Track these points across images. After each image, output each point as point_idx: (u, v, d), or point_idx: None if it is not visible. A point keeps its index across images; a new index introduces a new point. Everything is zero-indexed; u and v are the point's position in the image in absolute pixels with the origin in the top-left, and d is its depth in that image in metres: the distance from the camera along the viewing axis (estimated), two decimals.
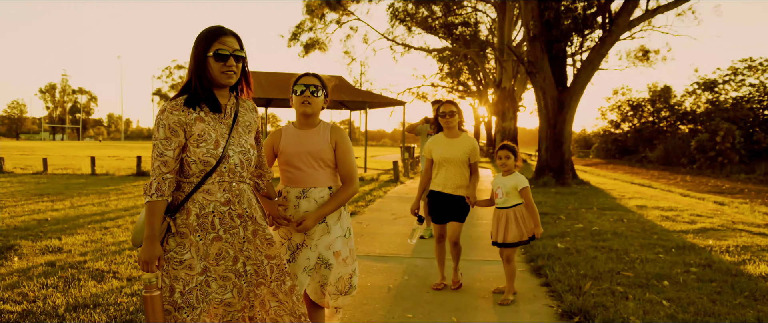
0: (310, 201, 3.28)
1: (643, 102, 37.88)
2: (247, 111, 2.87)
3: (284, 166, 3.34)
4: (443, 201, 5.10)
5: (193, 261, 2.64)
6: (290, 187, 3.33)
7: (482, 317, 4.47)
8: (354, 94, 22.95)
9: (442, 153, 5.10)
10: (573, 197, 13.34)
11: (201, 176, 2.64)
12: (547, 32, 17.92)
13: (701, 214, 10.44)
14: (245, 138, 2.78)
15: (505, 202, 4.90)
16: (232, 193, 2.69)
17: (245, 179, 2.78)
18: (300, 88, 3.28)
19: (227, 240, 2.70)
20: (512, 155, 4.95)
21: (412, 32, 39.03)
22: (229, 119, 2.75)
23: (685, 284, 5.33)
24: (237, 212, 2.71)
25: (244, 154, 2.74)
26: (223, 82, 2.68)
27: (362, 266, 6.05)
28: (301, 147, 3.33)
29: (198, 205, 2.64)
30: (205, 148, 2.61)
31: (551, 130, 17.90)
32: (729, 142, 25.99)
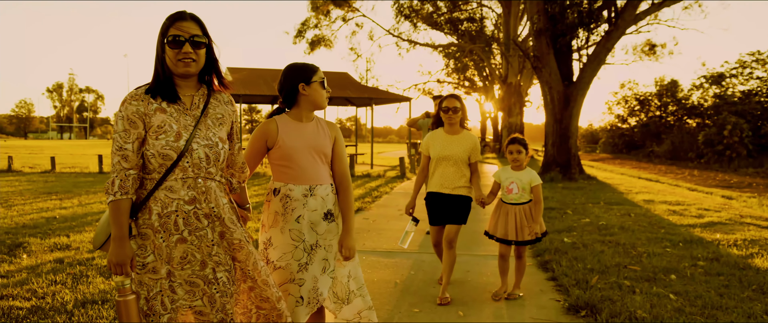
0: (317, 199, 3.10)
1: (649, 96, 37.73)
2: (219, 103, 2.67)
3: (283, 161, 3.10)
4: (442, 203, 4.78)
5: (157, 264, 2.46)
6: (293, 184, 3.08)
7: (489, 311, 4.48)
8: (360, 91, 22.97)
9: (441, 150, 4.78)
10: (580, 192, 13.32)
11: (162, 171, 2.44)
12: (552, 27, 17.86)
13: (709, 208, 10.41)
14: (214, 131, 2.56)
15: (520, 198, 4.71)
16: (198, 190, 2.47)
17: (214, 176, 2.55)
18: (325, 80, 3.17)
19: (193, 242, 2.49)
20: (523, 149, 4.75)
21: (418, 28, 39.01)
22: (196, 111, 2.55)
23: (692, 278, 5.31)
24: (203, 211, 2.49)
25: (211, 148, 2.52)
26: (180, 71, 2.49)
27: (369, 261, 6.06)
28: (304, 140, 3.11)
29: (160, 204, 2.44)
30: (165, 139, 2.42)
31: (557, 124, 17.86)
32: (737, 136, 25.86)
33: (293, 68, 3.15)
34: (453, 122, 4.83)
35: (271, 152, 3.11)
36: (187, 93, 2.57)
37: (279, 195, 3.09)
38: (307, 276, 3.05)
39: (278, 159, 3.10)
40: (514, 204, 4.73)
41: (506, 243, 4.77)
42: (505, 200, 4.78)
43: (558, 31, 17.93)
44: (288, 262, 3.03)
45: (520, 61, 33.08)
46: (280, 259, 3.03)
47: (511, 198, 4.74)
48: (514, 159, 4.76)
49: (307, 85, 3.12)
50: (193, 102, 2.56)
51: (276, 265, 3.03)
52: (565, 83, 17.96)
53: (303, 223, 3.06)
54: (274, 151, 3.10)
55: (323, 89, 3.16)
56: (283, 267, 3.03)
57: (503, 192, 4.80)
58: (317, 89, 3.14)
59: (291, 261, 3.03)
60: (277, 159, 3.11)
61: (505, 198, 4.78)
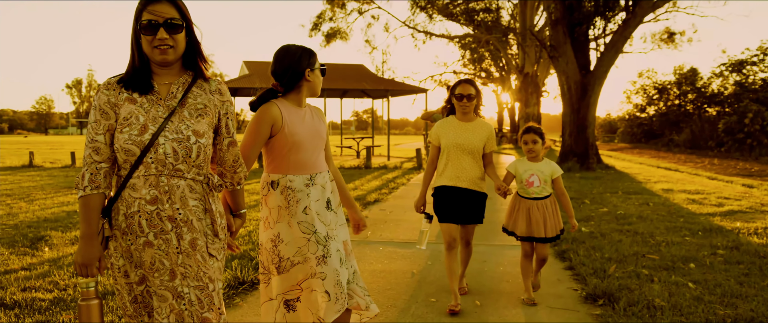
0: (318, 189, 2.95)
1: (668, 85, 37.30)
2: (203, 92, 2.37)
3: (285, 150, 2.89)
4: (456, 199, 4.30)
5: (126, 267, 2.28)
6: (293, 175, 2.90)
7: (505, 301, 4.48)
8: (376, 83, 22.96)
9: (454, 138, 4.29)
10: (598, 182, 13.23)
11: (128, 168, 2.23)
12: (569, 16, 17.72)
13: (729, 197, 10.30)
14: (190, 123, 2.26)
15: (542, 192, 4.34)
16: (160, 190, 2.21)
17: (183, 173, 2.24)
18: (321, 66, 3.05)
19: (160, 247, 2.23)
20: (540, 139, 4.37)
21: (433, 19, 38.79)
22: (171, 101, 2.29)
23: (711, 266, 5.27)
24: (166, 214, 2.22)
25: (181, 143, 2.22)
26: (157, 59, 2.25)
27: (386, 252, 6.08)
28: (306, 127, 2.95)
29: (125, 203, 2.23)
30: (128, 133, 2.19)
31: (575, 114, 17.74)
32: (758, 124, 25.48)
33: (296, 52, 2.95)
34: (467, 110, 4.38)
35: (273, 140, 2.89)
36: (166, 81, 2.32)
37: (279, 187, 2.90)
38: (328, 269, 2.87)
39: (281, 148, 2.89)
40: (534, 198, 4.35)
41: (529, 240, 4.41)
42: (524, 194, 4.39)
43: (575, 20, 17.79)
44: (306, 257, 2.86)
45: (536, 51, 32.86)
46: (297, 254, 2.87)
47: (531, 192, 4.35)
48: (530, 150, 4.37)
49: (312, 71, 2.98)
50: (170, 91, 2.31)
51: (293, 261, 2.87)
52: (582, 73, 17.83)
53: (311, 214, 2.89)
54: (277, 139, 2.88)
55: (322, 76, 3.09)
56: (301, 262, 2.87)
57: (521, 185, 4.39)
58: (318, 76, 3.04)
59: (309, 256, 2.86)
60: (280, 148, 2.89)
61: (524, 192, 4.38)
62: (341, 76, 22.49)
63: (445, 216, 4.32)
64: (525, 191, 4.39)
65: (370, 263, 5.58)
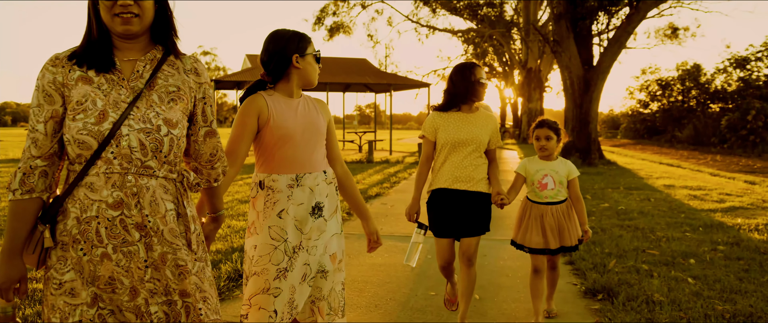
0: (304, 191, 2.58)
1: (671, 81, 37.22)
2: (176, 72, 1.99)
3: (272, 146, 2.58)
4: (456, 204, 3.61)
5: (75, 284, 1.84)
6: (277, 174, 2.57)
7: (505, 295, 4.49)
8: (379, 77, 22.95)
9: (454, 133, 3.60)
10: (599, 177, 13.23)
11: (83, 163, 1.83)
12: (572, 10, 17.68)
13: (730, 193, 10.30)
14: (160, 110, 1.88)
15: (557, 195, 3.75)
16: (127, 192, 1.82)
17: (154, 171, 1.87)
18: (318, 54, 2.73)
19: (120, 262, 1.83)
20: (554, 135, 3.77)
21: (437, 14, 38.77)
22: (137, 82, 1.89)
23: (711, 262, 5.28)
24: (134, 221, 1.83)
25: (149, 134, 1.84)
26: (119, 30, 1.87)
27: (387, 245, 6.09)
28: (297, 119, 2.61)
29: (78, 205, 1.82)
30: (83, 121, 1.79)
31: (577, 109, 17.73)
32: (761, 121, 25.42)
33: (284, 36, 2.64)
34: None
35: (260, 135, 2.59)
36: (130, 57, 1.93)
37: (264, 188, 2.59)
38: (285, 285, 2.52)
39: (267, 143, 2.59)
40: (548, 203, 3.75)
41: (543, 253, 3.76)
42: (536, 198, 3.77)
43: (578, 15, 17.75)
44: (264, 267, 2.50)
45: (539, 45, 32.80)
46: (257, 263, 2.52)
47: (544, 196, 3.75)
48: (543, 147, 3.77)
49: (302, 58, 2.63)
50: (136, 69, 1.91)
51: (253, 271, 2.53)
52: (585, 67, 17.81)
53: (286, 219, 2.54)
54: (264, 133, 2.58)
55: (317, 63, 2.72)
56: (258, 273, 2.51)
57: (533, 188, 3.78)
58: (312, 63, 2.68)
59: (268, 266, 2.50)
60: (266, 143, 2.59)
61: (536, 196, 3.77)
62: (344, 70, 22.49)
63: (442, 229, 3.65)
64: (537, 195, 3.77)
65: (371, 256, 5.60)
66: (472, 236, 3.62)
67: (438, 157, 3.69)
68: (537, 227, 3.74)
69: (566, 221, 3.75)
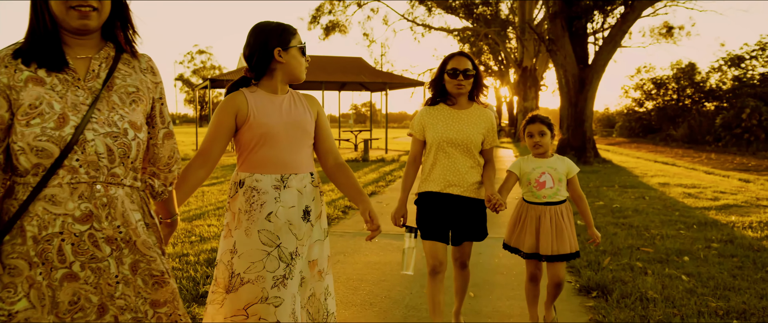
0: (292, 193, 2.44)
1: (666, 80, 37.31)
2: (133, 71, 1.85)
3: (253, 144, 2.44)
4: (447, 209, 3.35)
5: (31, 314, 1.65)
6: (260, 174, 2.43)
7: (500, 292, 4.50)
8: (374, 76, 22.94)
9: (444, 130, 3.30)
10: (594, 175, 13.26)
11: (40, 174, 1.63)
12: (567, 9, 17.70)
13: (725, 191, 10.34)
14: (123, 112, 1.74)
15: (556, 194, 3.44)
16: (96, 202, 1.67)
17: (121, 179, 1.73)
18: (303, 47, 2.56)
19: (88, 279, 1.67)
20: (548, 130, 3.49)
21: (432, 13, 38.75)
22: (94, 82, 1.73)
23: (705, 259, 5.30)
24: (104, 234, 1.68)
25: (117, 139, 1.70)
26: (75, 25, 1.69)
27: (382, 243, 6.10)
28: (281, 116, 2.47)
29: (36, 222, 1.62)
30: (40, 127, 1.60)
31: (573, 108, 17.76)
32: (755, 119, 25.50)
33: (266, 29, 2.49)
34: (463, 91, 3.35)
35: (240, 134, 2.46)
36: (82, 55, 1.76)
37: (244, 187, 2.43)
38: (287, 294, 2.36)
39: (247, 141, 2.45)
40: (546, 203, 3.45)
41: (538, 259, 3.48)
42: (533, 199, 3.48)
43: (573, 14, 17.77)
44: (259, 274, 2.34)
45: (535, 44, 32.86)
46: (248, 270, 2.34)
47: (542, 196, 3.44)
48: (537, 144, 3.47)
49: (285, 51, 2.47)
50: (91, 69, 1.75)
51: (244, 279, 2.35)
52: (580, 66, 17.85)
53: (277, 223, 2.39)
54: (243, 132, 2.44)
55: (303, 57, 2.55)
56: (252, 280, 2.34)
57: (529, 188, 3.49)
58: (296, 56, 2.51)
59: (263, 273, 2.34)
60: (247, 142, 2.46)
61: (533, 196, 3.48)
62: (340, 68, 22.47)
63: (431, 232, 3.33)
64: (534, 195, 3.47)
65: (365, 254, 5.60)
66: (469, 241, 3.47)
67: (427, 157, 3.41)
68: (532, 229, 3.44)
69: (564, 224, 3.42)
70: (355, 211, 8.19)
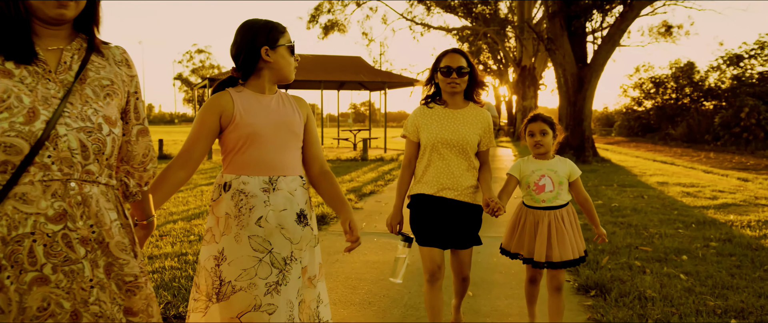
0: (282, 195, 2.34)
1: (665, 79, 37.34)
2: (107, 64, 1.75)
3: (239, 145, 2.34)
4: (441, 213, 3.20)
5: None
6: (247, 176, 2.33)
7: (498, 292, 4.50)
8: (373, 75, 22.93)
9: (438, 131, 3.17)
10: (593, 174, 13.27)
11: (8, 172, 1.52)
12: (566, 8, 17.70)
13: (723, 190, 10.35)
14: (98, 106, 1.65)
15: (557, 198, 3.28)
16: (70, 201, 1.57)
17: (96, 176, 1.64)
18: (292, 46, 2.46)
19: (60, 283, 1.56)
20: (550, 129, 3.34)
21: (431, 12, 38.77)
22: (66, 74, 1.64)
23: (703, 258, 5.31)
24: (79, 235, 1.59)
25: (91, 134, 1.60)
26: (51, 14, 1.60)
27: (381, 242, 6.11)
28: (269, 117, 2.38)
29: (6, 222, 1.52)
30: (8, 122, 1.51)
31: (571, 107, 17.77)
32: (754, 118, 25.52)
33: (253, 27, 2.40)
34: (457, 90, 3.21)
35: (225, 135, 2.36)
36: (53, 46, 1.66)
37: (230, 191, 2.33)
38: (281, 300, 2.27)
39: (234, 143, 2.35)
40: (546, 208, 3.29)
41: (539, 266, 3.32)
42: (532, 203, 3.33)
43: (572, 13, 17.78)
44: (251, 281, 2.25)
45: (534, 43, 32.87)
46: (240, 278, 2.26)
47: (542, 200, 3.29)
48: (537, 143, 3.32)
49: (272, 50, 2.38)
50: (62, 61, 1.65)
51: (235, 286, 2.26)
52: (579, 65, 17.86)
53: (268, 227, 2.30)
54: (228, 133, 2.35)
55: (291, 56, 2.46)
56: (244, 288, 2.25)
57: (529, 191, 3.35)
58: (284, 55, 2.42)
59: (256, 281, 2.25)
60: (233, 143, 2.35)
61: (533, 200, 3.32)
62: (339, 68, 22.47)
63: (427, 237, 3.20)
64: (533, 198, 3.32)
65: (364, 254, 5.60)
66: (461, 249, 3.27)
67: (421, 160, 3.27)
68: (531, 235, 3.30)
69: (566, 229, 3.26)
70: (354, 210, 8.19)
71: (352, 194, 9.62)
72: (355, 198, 9.31)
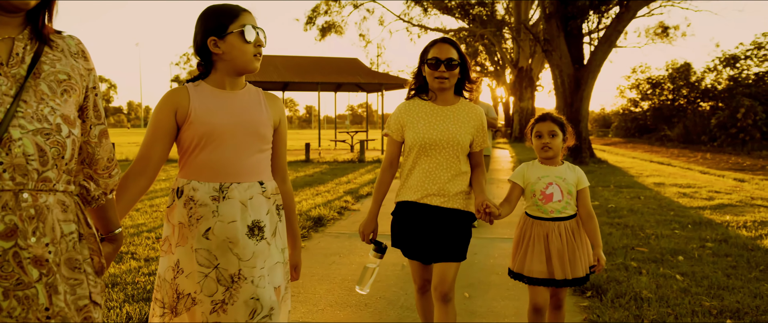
0: (232, 205, 2.06)
1: (662, 80, 37.44)
2: (62, 56, 1.52)
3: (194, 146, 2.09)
4: (428, 223, 2.84)
5: None
6: (198, 181, 2.08)
7: (495, 293, 4.50)
8: (370, 76, 22.95)
9: (424, 131, 2.82)
10: (590, 175, 13.29)
11: None
12: (563, 10, 17.75)
13: (720, 191, 10.37)
14: (55, 104, 1.43)
15: (565, 209, 2.95)
16: (22, 214, 1.35)
17: (53, 184, 1.43)
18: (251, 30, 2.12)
19: (13, 312, 1.34)
20: (560, 131, 2.99)
21: (428, 13, 38.81)
22: (18, 68, 1.41)
23: (700, 259, 5.32)
24: (31, 253, 1.36)
25: (49, 136, 1.40)
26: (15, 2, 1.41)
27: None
28: (229, 115, 2.10)
29: None
30: None
31: (568, 108, 17.80)
32: (750, 119, 25.59)
33: (203, 16, 2.14)
34: (445, 85, 2.83)
35: (180, 133, 2.11)
36: (3, 35, 1.44)
37: (183, 197, 2.09)
38: (228, 320, 2.05)
39: (188, 143, 2.10)
40: (554, 219, 2.95)
41: (546, 284, 2.93)
42: (538, 213, 2.98)
43: (569, 14, 17.83)
44: (200, 298, 2.06)
45: (531, 45, 32.94)
46: (197, 293, 2.07)
47: (550, 210, 2.95)
48: (545, 145, 2.97)
49: (221, 40, 2.09)
50: (14, 52, 1.43)
51: (196, 299, 2.07)
52: (575, 66, 17.90)
53: (215, 240, 2.04)
54: (183, 131, 2.10)
55: (246, 43, 2.10)
56: (199, 304, 2.07)
57: (535, 200, 2.99)
58: (235, 44, 2.09)
59: (202, 298, 2.05)
60: (187, 143, 2.11)
61: (539, 211, 2.98)
62: (336, 69, 22.49)
63: (412, 250, 2.92)
64: (540, 208, 2.97)
65: (360, 255, 5.60)
66: (445, 262, 2.82)
67: (405, 161, 2.93)
68: (540, 251, 2.92)
69: (577, 243, 2.94)
70: (350, 212, 8.20)
71: (349, 196, 9.62)
72: (352, 199, 9.31)
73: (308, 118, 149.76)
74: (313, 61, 22.91)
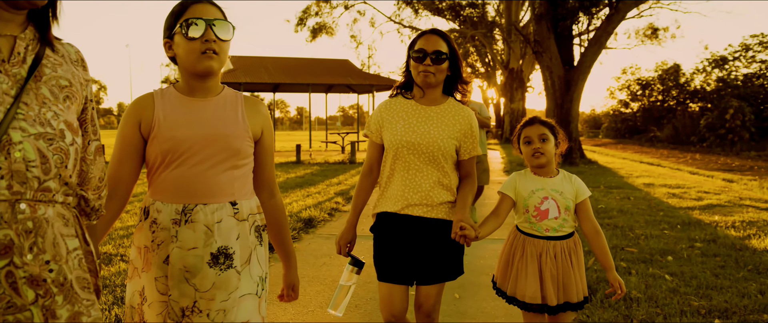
0: (195, 230, 1.81)
1: (651, 81, 37.65)
2: (64, 61, 1.42)
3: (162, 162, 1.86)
4: (410, 236, 2.53)
5: None
6: (161, 202, 1.85)
7: (485, 294, 4.51)
8: (361, 78, 22.97)
9: (402, 132, 2.49)
10: (580, 176, 13.20)
11: None
12: (553, 11, 17.81)
13: (709, 191, 10.43)
14: (57, 110, 1.32)
15: (563, 226, 2.55)
16: (18, 227, 1.21)
17: (53, 195, 1.30)
18: (183, 24, 1.83)
19: None
20: (551, 135, 2.62)
21: (419, 15, 38.89)
22: (18, 68, 1.30)
23: (688, 259, 5.34)
24: (27, 272, 1.22)
25: (52, 142, 1.28)
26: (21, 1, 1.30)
27: (369, 245, 6.09)
28: (197, 127, 1.85)
29: None
30: None
31: (559, 109, 17.86)
32: (739, 120, 25.78)
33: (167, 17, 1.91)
34: (430, 80, 2.49)
35: (147, 149, 1.89)
36: (6, 32, 1.32)
37: (148, 219, 1.88)
38: None
39: (153, 158, 1.87)
40: (549, 238, 2.55)
41: (541, 311, 2.54)
42: (531, 231, 2.58)
43: (559, 16, 17.90)
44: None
45: (521, 46, 33.05)
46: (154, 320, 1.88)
47: (544, 228, 2.55)
48: (536, 152, 2.58)
49: (171, 40, 1.89)
50: (16, 51, 1.32)
51: None
52: (565, 67, 17.97)
53: (171, 269, 1.81)
54: (148, 144, 1.87)
55: (188, 40, 1.82)
56: None
57: (526, 216, 2.60)
58: (180, 43, 1.85)
59: None
60: (152, 158, 1.88)
61: (531, 228, 2.58)
62: (327, 71, 22.50)
63: (387, 271, 2.56)
64: (533, 225, 2.58)
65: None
66: (431, 285, 2.52)
67: (384, 167, 2.60)
68: (534, 272, 2.52)
69: (573, 266, 2.55)
70: (341, 214, 8.19)
71: (340, 197, 9.61)
72: (342, 201, 9.30)
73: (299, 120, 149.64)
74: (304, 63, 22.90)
